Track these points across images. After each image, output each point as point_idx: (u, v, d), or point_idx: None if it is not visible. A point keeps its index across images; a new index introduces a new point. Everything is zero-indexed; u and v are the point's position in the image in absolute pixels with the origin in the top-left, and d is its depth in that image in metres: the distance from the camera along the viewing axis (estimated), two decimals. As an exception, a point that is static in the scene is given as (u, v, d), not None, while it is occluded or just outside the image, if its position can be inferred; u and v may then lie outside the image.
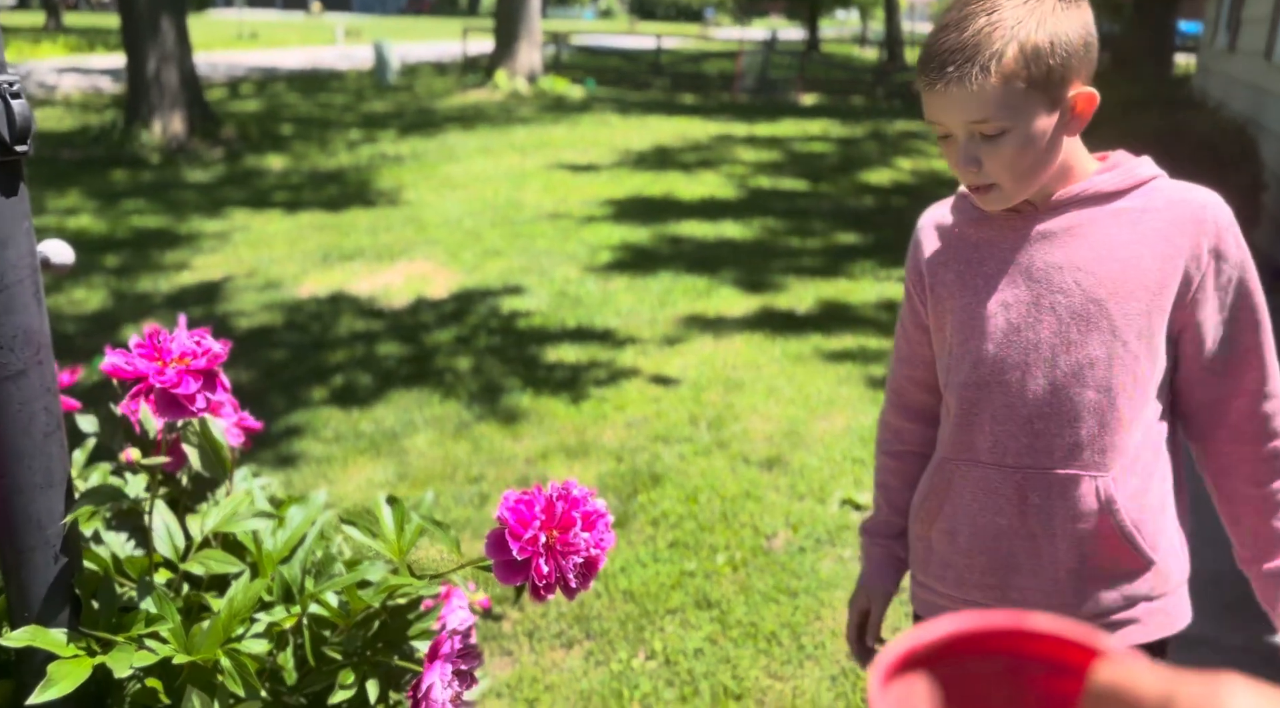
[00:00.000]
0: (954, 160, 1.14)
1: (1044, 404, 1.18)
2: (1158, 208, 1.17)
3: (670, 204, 7.46)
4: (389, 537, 1.23)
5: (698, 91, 15.38)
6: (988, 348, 1.20)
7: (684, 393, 3.92)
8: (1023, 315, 1.18)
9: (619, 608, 2.51)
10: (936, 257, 1.26)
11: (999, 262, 1.20)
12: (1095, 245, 1.16)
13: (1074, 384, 1.17)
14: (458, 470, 3.30)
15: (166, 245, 6.31)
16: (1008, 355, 1.19)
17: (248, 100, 13.97)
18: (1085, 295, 1.16)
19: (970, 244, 1.23)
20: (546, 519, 1.09)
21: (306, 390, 3.98)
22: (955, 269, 1.23)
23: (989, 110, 1.08)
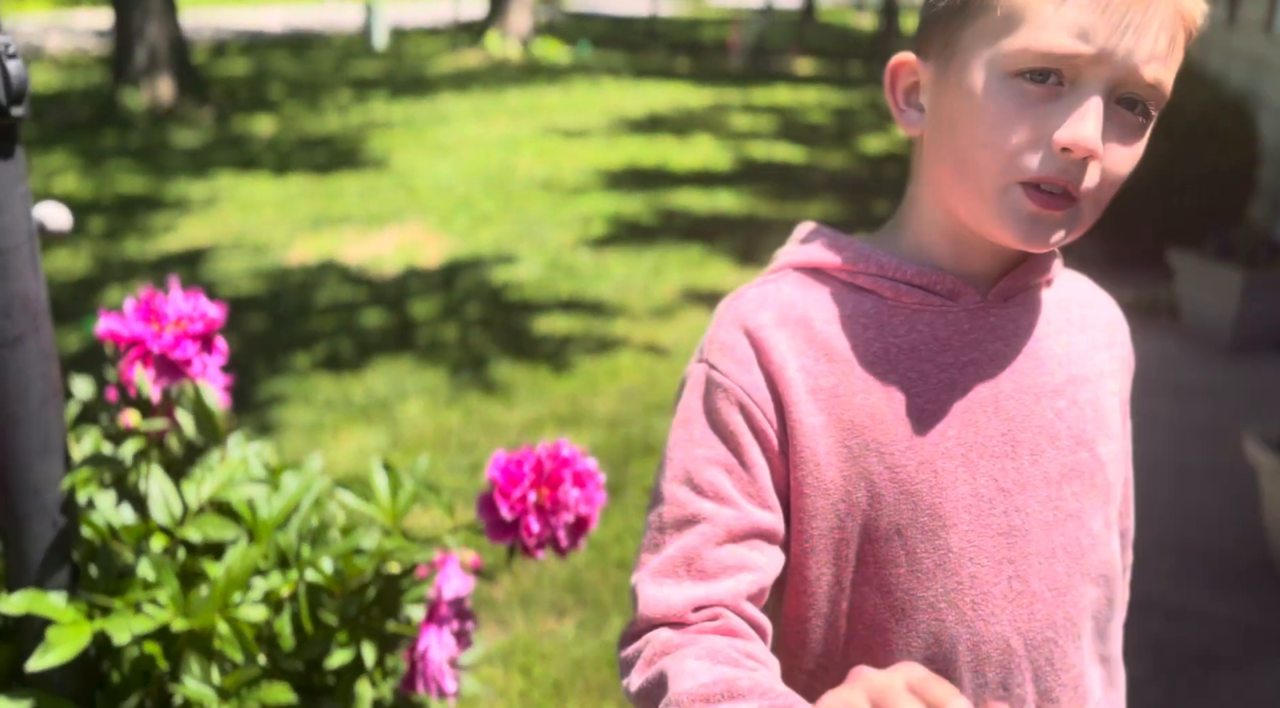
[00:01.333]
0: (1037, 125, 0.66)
1: (1046, 623, 0.75)
2: (1083, 300, 0.82)
3: (664, 172, 7.41)
4: (383, 502, 1.23)
5: (693, 57, 15.25)
6: (945, 542, 0.73)
7: (677, 364, 3.92)
8: (995, 479, 0.74)
9: (612, 576, 2.53)
10: (814, 377, 0.73)
11: (938, 386, 0.74)
12: (1064, 355, 0.77)
13: (1078, 581, 0.76)
14: (450, 439, 3.29)
15: (153, 209, 6.25)
16: (982, 551, 0.73)
17: (235, 61, 13.78)
18: (1074, 436, 0.76)
19: (878, 357, 0.74)
20: (536, 478, 1.09)
21: (296, 358, 3.96)
22: (858, 402, 0.73)
23: (1174, 66, 0.67)
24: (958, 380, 0.74)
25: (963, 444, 0.73)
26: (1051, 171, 0.66)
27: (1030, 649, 0.75)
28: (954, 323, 0.75)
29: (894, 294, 0.75)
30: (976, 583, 0.73)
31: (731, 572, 0.70)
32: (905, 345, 0.74)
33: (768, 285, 0.79)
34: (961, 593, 0.73)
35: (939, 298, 0.75)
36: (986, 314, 0.75)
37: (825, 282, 0.77)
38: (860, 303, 0.76)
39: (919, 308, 0.75)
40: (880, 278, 0.76)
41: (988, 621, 0.74)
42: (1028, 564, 0.74)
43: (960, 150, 0.70)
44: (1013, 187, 0.67)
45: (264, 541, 1.21)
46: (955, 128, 0.70)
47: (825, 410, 0.73)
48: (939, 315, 0.75)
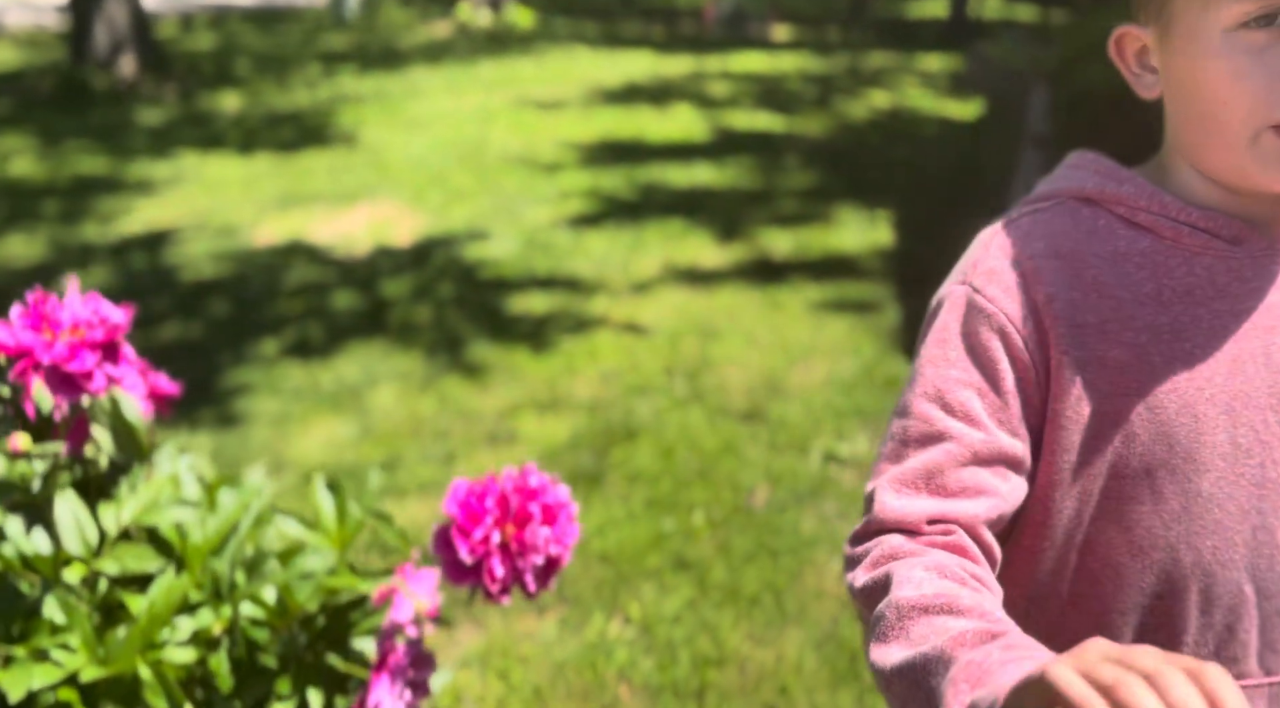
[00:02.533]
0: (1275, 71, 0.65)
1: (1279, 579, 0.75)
2: None
3: (642, 144, 7.24)
4: (329, 527, 1.09)
5: (668, 24, 14.99)
6: (1197, 487, 0.73)
7: (659, 343, 3.79)
8: (1256, 430, 0.73)
9: (594, 571, 2.41)
10: (1083, 312, 0.73)
11: (1210, 332, 0.72)
12: None
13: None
14: (423, 427, 3.16)
15: (112, 191, 6.03)
16: (1232, 500, 0.73)
17: (201, 36, 13.42)
18: None
19: (1149, 297, 0.73)
20: (500, 514, 0.96)
21: (261, 344, 3.80)
22: (1125, 339, 0.72)
23: None
24: (1230, 327, 0.73)
25: (1227, 392, 0.72)
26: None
27: (1262, 599, 0.75)
28: (1235, 269, 0.73)
29: (1174, 235, 0.74)
30: (1220, 529, 0.73)
31: (972, 493, 0.70)
32: (1180, 288, 0.73)
33: (1040, 214, 0.77)
34: (1203, 537, 0.73)
35: (1222, 242, 0.73)
36: (1272, 262, 0.73)
37: (1101, 214, 0.76)
38: (1136, 240, 0.74)
39: (1199, 251, 0.73)
40: (1162, 217, 0.74)
41: (1225, 566, 0.74)
42: (1276, 516, 0.74)
43: (1202, 110, 0.70)
44: (1263, 132, 0.67)
45: (195, 569, 1.07)
46: (1192, 89, 0.70)
47: (1089, 346, 0.73)
48: (1220, 260, 0.73)
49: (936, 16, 16.20)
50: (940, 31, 13.98)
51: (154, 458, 1.18)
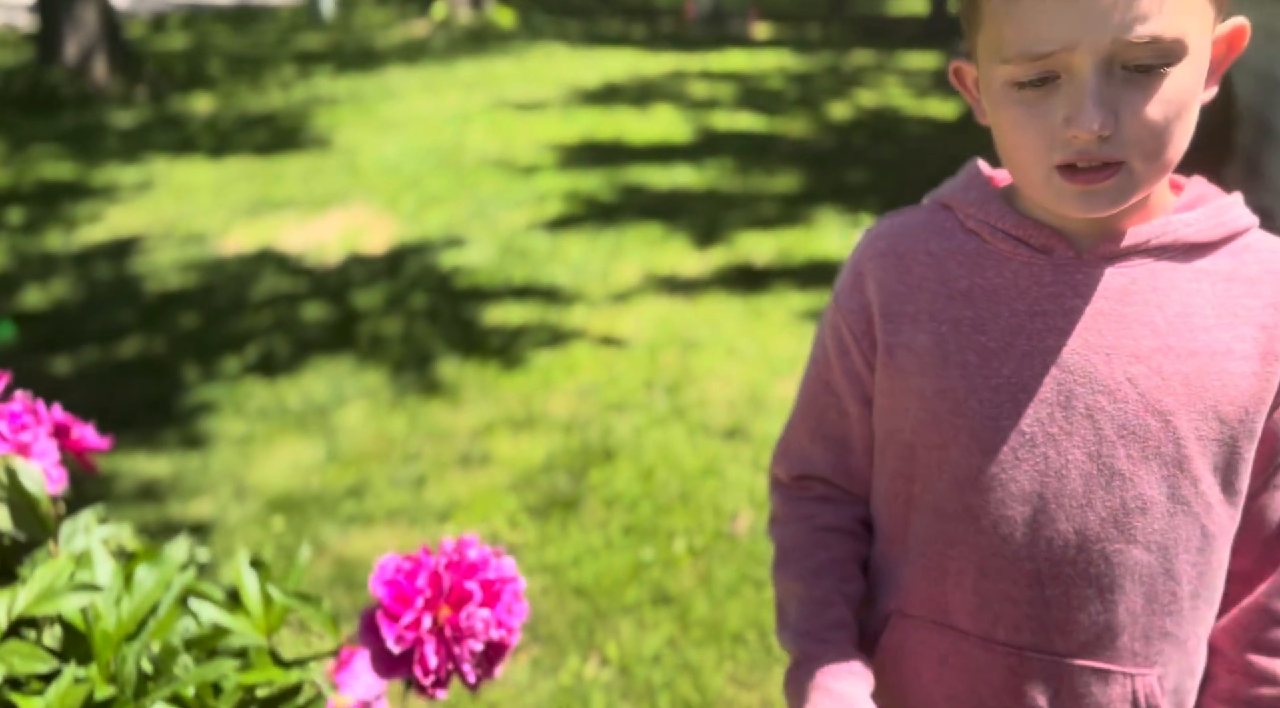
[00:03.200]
0: (1043, 121, 0.71)
1: (1064, 561, 0.79)
2: (1251, 278, 0.78)
3: (621, 146, 7.12)
4: (254, 610, 0.97)
5: (648, 22, 14.87)
6: (982, 465, 0.80)
7: (638, 355, 3.68)
8: (1042, 423, 0.78)
9: (569, 607, 2.30)
10: (900, 301, 0.84)
11: (1007, 328, 0.80)
12: (1162, 325, 0.77)
13: (1114, 537, 0.78)
14: (393, 448, 3.03)
15: (79, 197, 5.87)
16: (1012, 481, 0.79)
17: (173, 36, 13.20)
18: (1144, 402, 0.77)
19: (960, 293, 0.82)
20: (434, 594, 0.84)
21: (226, 360, 3.66)
22: (931, 329, 0.82)
23: (1173, 9, 0.66)
24: (1025, 327, 0.79)
25: (1014, 384, 0.79)
26: (1073, 155, 0.71)
27: (1043, 584, 0.79)
28: (1036, 275, 0.80)
29: (992, 239, 0.82)
30: (1003, 507, 0.80)
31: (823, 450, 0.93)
32: (989, 287, 0.81)
33: (902, 216, 0.90)
34: (988, 512, 0.81)
35: (1030, 250, 0.80)
36: (1074, 272, 0.79)
37: (950, 218, 0.86)
38: (965, 243, 0.84)
39: (1010, 256, 0.81)
40: (984, 224, 0.82)
41: (1006, 541, 0.81)
42: (1059, 505, 0.78)
43: (1004, 147, 0.77)
44: (1051, 173, 0.73)
45: (105, 661, 0.95)
46: (995, 128, 0.77)
47: (903, 333, 0.83)
48: (1026, 266, 0.80)
49: (917, 14, 16.14)
50: (921, 29, 13.92)
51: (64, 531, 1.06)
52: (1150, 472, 0.77)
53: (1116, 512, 0.78)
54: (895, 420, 0.86)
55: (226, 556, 2.50)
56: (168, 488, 2.81)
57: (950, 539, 0.83)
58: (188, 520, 2.65)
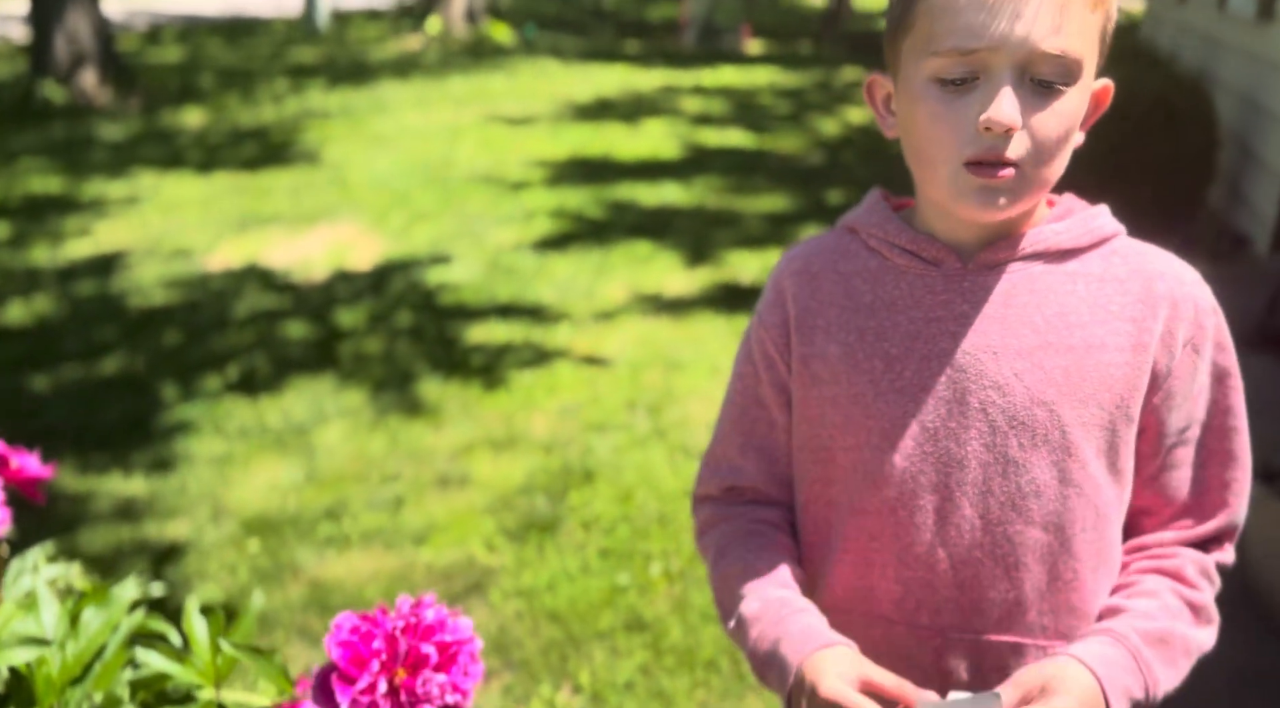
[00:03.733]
0: (960, 116, 0.79)
1: (972, 545, 0.86)
2: (1120, 278, 0.87)
3: (611, 163, 7.13)
4: (203, 658, 0.96)
5: (641, 38, 14.92)
6: (892, 461, 0.88)
7: (621, 374, 3.67)
8: (942, 418, 0.86)
9: (543, 632, 2.28)
10: (812, 316, 0.92)
11: (907, 335, 0.88)
12: (1041, 324, 0.86)
13: (1013, 519, 0.86)
14: (372, 469, 3.02)
15: (66, 211, 5.86)
16: (920, 474, 0.87)
17: (167, 49, 13.22)
18: (1030, 395, 0.85)
19: (865, 306, 0.90)
20: (389, 657, 0.83)
21: (207, 378, 3.65)
22: (841, 340, 0.90)
23: (1075, 33, 0.77)
24: (921, 332, 0.88)
25: (914, 385, 0.87)
26: (982, 149, 0.79)
27: (956, 568, 0.87)
28: (929, 285, 0.88)
29: (891, 255, 0.90)
30: (913, 498, 0.87)
31: (753, 462, 0.98)
32: (888, 299, 0.89)
33: (813, 240, 0.98)
34: (902, 504, 0.88)
35: (923, 263, 0.88)
36: (961, 280, 0.87)
37: (855, 240, 0.94)
38: (868, 261, 0.92)
39: (905, 269, 0.89)
40: (884, 242, 0.91)
41: (919, 530, 0.88)
42: (961, 492, 0.86)
43: (916, 145, 0.85)
44: (958, 168, 0.81)
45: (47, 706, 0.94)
46: (910, 128, 0.85)
47: (816, 343, 0.91)
48: (919, 278, 0.89)
49: (910, 30, 16.20)
50: (913, 45, 13.97)
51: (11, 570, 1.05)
52: (1040, 458, 0.85)
53: (1014, 496, 0.86)
54: (813, 427, 0.93)
55: (200, 578, 2.49)
56: (143, 508, 2.80)
57: (871, 534, 0.90)
58: (163, 542, 2.64)
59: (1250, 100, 4.27)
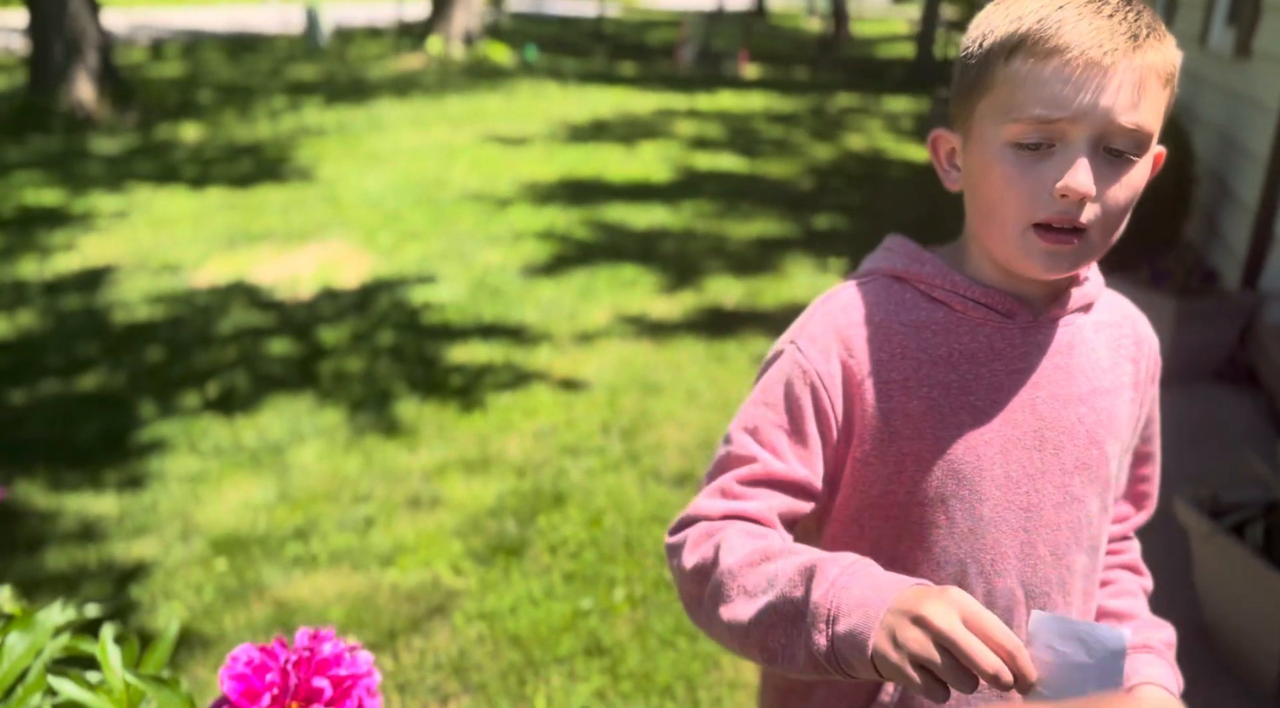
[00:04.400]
0: (1036, 181, 0.81)
1: (1044, 580, 0.93)
2: (1117, 323, 0.97)
3: (602, 185, 7.19)
4: (116, 687, 0.97)
5: (639, 61, 15.04)
6: (981, 513, 0.90)
7: (598, 397, 3.70)
8: (1024, 465, 0.90)
9: (503, 655, 2.29)
10: (889, 371, 0.89)
11: (990, 387, 0.90)
12: (1090, 370, 0.93)
13: (1072, 549, 0.93)
14: (344, 489, 3.04)
15: (57, 224, 5.89)
16: (1004, 522, 0.90)
17: (169, 64, 13.31)
18: (1089, 437, 0.92)
19: (943, 358, 0.90)
20: (281, 691, 0.85)
21: (186, 395, 3.67)
22: (924, 395, 0.89)
23: (1149, 108, 0.80)
24: (1004, 384, 0.90)
25: (1001, 436, 0.89)
26: (1055, 214, 0.81)
27: (1030, 598, 0.92)
28: (1009, 337, 0.90)
29: (962, 308, 0.90)
30: (997, 545, 0.90)
31: (764, 497, 0.88)
32: (966, 352, 0.89)
33: (861, 287, 0.93)
34: (985, 551, 0.90)
35: (998, 315, 0.90)
36: (1035, 332, 0.91)
37: (907, 289, 0.92)
38: (934, 312, 0.91)
39: (981, 322, 0.90)
40: (953, 293, 0.91)
41: (1001, 575, 0.91)
42: (1038, 534, 0.91)
43: (984, 204, 0.86)
44: (1028, 230, 0.83)
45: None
46: (979, 187, 0.87)
47: (895, 398, 0.88)
48: (997, 330, 0.90)
49: (904, 57, 16.36)
50: (906, 74, 14.09)
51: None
52: (1092, 492, 0.93)
53: (1074, 528, 0.93)
54: (885, 484, 0.90)
55: (165, 597, 2.50)
56: (112, 526, 2.81)
57: (955, 580, 0.91)
58: (129, 561, 2.65)
59: (1227, 137, 4.32)
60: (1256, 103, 4.02)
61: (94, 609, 1.23)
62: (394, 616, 2.43)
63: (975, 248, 0.92)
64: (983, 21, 0.86)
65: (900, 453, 0.89)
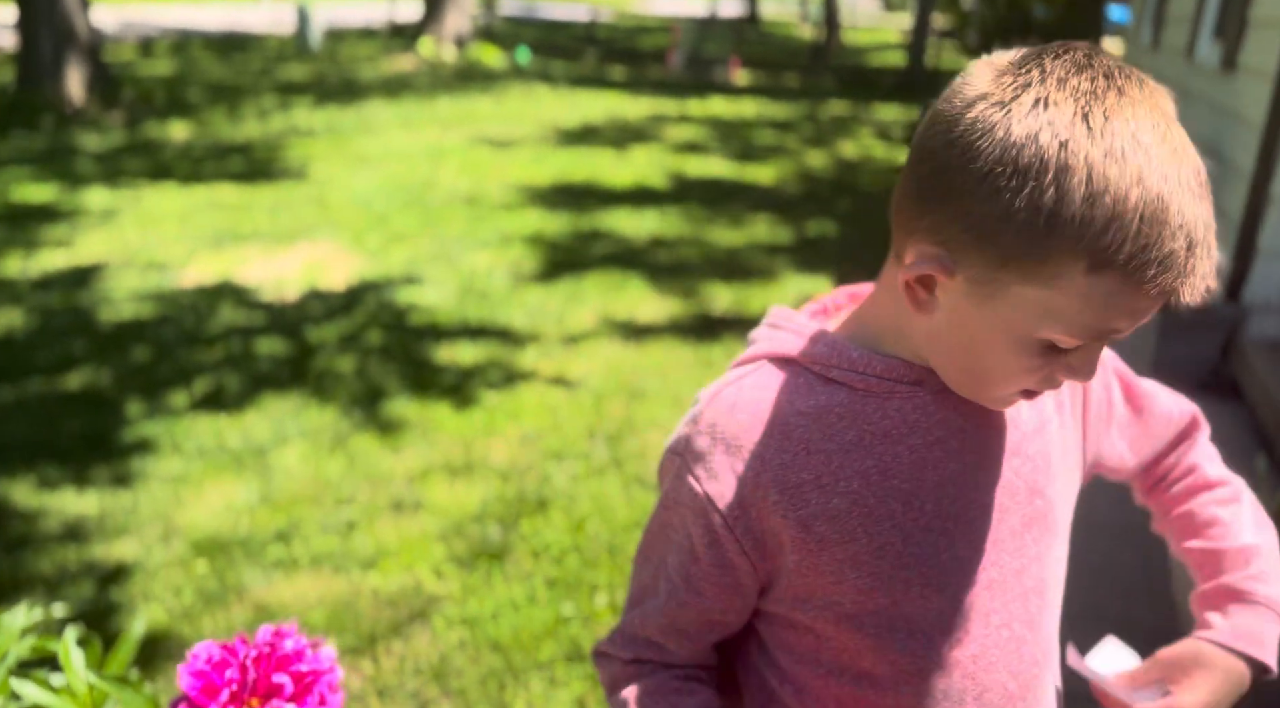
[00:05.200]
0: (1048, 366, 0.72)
1: (1030, 663, 0.84)
2: None
3: (592, 190, 7.19)
4: (79, 689, 0.97)
5: (631, 65, 15.05)
6: (943, 607, 0.80)
7: (584, 402, 3.69)
8: (972, 541, 0.80)
9: (484, 661, 2.29)
10: (792, 472, 0.78)
11: (912, 465, 0.78)
12: (1015, 416, 0.83)
13: (1045, 613, 0.85)
14: (327, 492, 3.03)
15: (47, 221, 5.86)
16: (970, 605, 0.80)
17: (159, 62, 13.27)
18: (1029, 489, 0.83)
19: (853, 445, 0.78)
20: (240, 686, 0.84)
21: (171, 395, 3.65)
22: (841, 490, 0.78)
23: None
24: (928, 458, 0.79)
25: (939, 516, 0.79)
26: (1046, 388, 0.75)
27: (1022, 687, 0.82)
28: (922, 406, 0.79)
29: (864, 385, 0.79)
30: (972, 637, 0.80)
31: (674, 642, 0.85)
32: (878, 431, 0.78)
33: (744, 380, 0.82)
34: (964, 647, 0.80)
35: (905, 386, 0.79)
36: (948, 395, 0.79)
37: (800, 372, 0.81)
38: (833, 394, 0.80)
39: (888, 395, 0.79)
40: (850, 373, 0.80)
41: (987, 670, 0.81)
42: (1009, 611, 0.81)
43: (975, 361, 0.74)
44: (1016, 393, 0.76)
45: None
46: (975, 345, 0.73)
47: (809, 501, 0.78)
48: (907, 400, 0.79)
49: (895, 66, 16.43)
50: (897, 81, 14.15)
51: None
52: (1048, 543, 0.85)
53: (1039, 590, 0.84)
54: (822, 597, 0.80)
55: (145, 599, 2.48)
56: (93, 527, 2.79)
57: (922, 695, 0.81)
58: (109, 563, 2.63)
59: (1213, 150, 4.35)
60: (1241, 117, 4.05)
61: (61, 610, 1.22)
62: (375, 620, 2.43)
63: (889, 323, 0.80)
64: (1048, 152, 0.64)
65: (831, 561, 0.78)
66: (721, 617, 0.85)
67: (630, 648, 0.87)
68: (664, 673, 0.87)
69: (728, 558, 0.80)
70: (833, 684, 0.82)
